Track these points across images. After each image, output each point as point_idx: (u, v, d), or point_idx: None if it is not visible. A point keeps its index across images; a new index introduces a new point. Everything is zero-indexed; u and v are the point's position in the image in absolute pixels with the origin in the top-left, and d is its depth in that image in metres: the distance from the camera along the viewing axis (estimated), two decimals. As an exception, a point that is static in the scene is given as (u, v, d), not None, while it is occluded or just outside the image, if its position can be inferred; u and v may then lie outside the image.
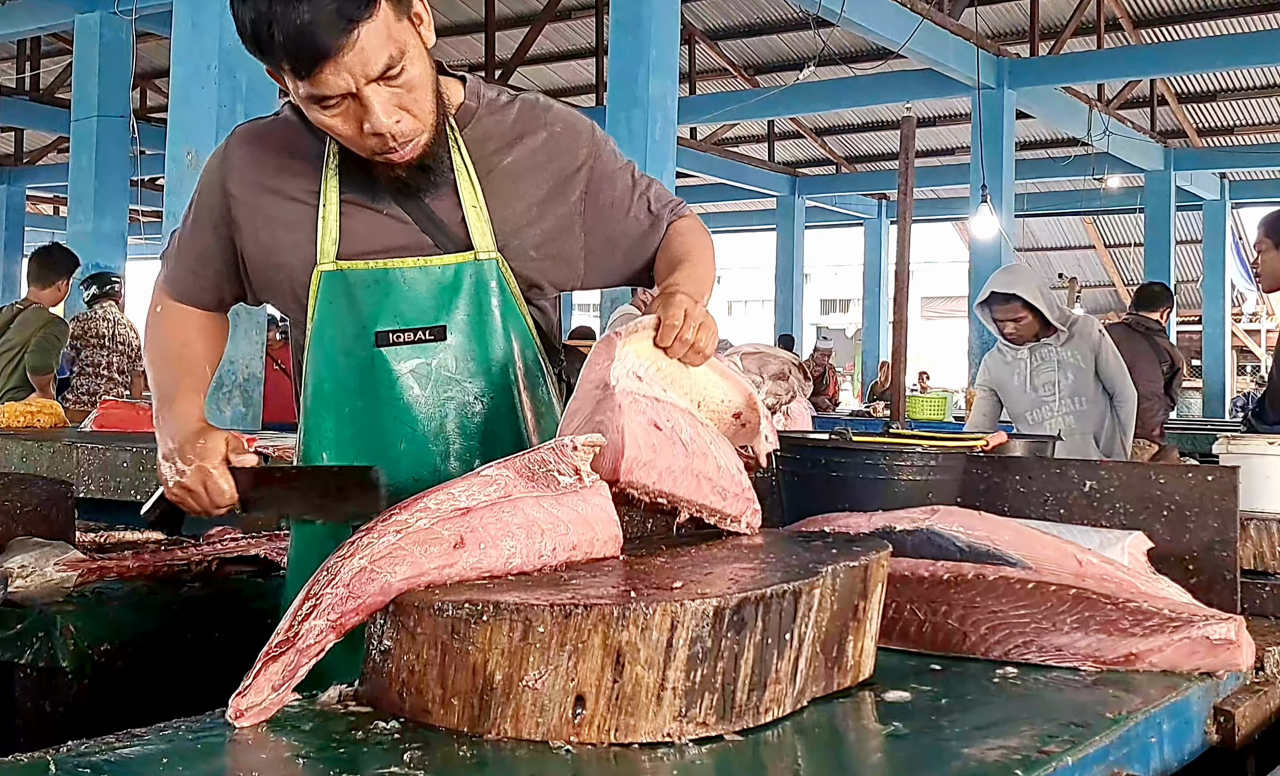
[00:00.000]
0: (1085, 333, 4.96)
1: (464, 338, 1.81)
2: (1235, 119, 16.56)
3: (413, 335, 1.79)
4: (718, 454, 1.67)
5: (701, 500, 1.62)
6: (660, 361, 1.66)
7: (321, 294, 1.80)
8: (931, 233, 26.96)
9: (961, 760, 1.21)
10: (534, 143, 1.87)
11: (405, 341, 1.79)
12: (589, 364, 1.62)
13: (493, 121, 1.87)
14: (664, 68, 7.37)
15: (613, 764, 1.17)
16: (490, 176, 1.83)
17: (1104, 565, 1.74)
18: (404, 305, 1.79)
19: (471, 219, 1.80)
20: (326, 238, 1.79)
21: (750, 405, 1.75)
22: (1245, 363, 25.39)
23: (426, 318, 1.79)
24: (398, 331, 1.79)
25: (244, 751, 1.18)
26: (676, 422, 1.61)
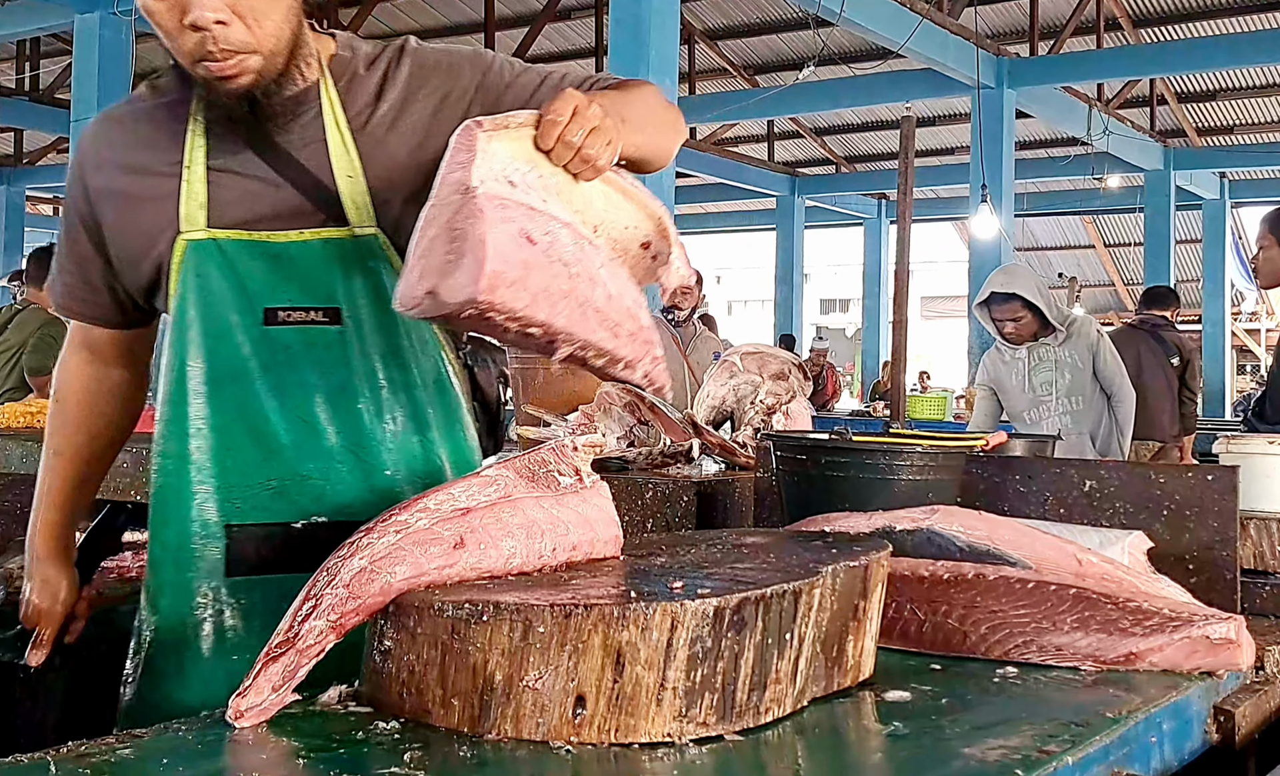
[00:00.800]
0: (1083, 333, 4.96)
1: (359, 320, 1.62)
2: (1235, 118, 16.56)
3: (305, 315, 1.60)
4: (610, 282, 1.41)
5: (585, 334, 1.38)
6: (542, 168, 1.40)
7: (188, 266, 1.59)
8: (931, 232, 26.95)
9: (962, 760, 1.21)
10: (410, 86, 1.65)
11: (298, 322, 1.60)
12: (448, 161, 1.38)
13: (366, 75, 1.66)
14: (664, 68, 7.36)
15: (613, 764, 1.17)
16: (366, 135, 1.62)
17: (1104, 565, 1.74)
18: (296, 281, 1.60)
19: (345, 188, 1.60)
20: (192, 202, 1.59)
21: (661, 232, 1.51)
22: (1245, 362, 25.38)
23: (319, 297, 1.61)
24: (289, 309, 1.60)
25: (244, 751, 1.18)
26: (557, 238, 1.37)
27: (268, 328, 1.60)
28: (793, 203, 18.70)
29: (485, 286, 1.29)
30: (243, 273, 1.60)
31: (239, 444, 1.61)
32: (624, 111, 1.51)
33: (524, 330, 1.34)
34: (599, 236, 1.45)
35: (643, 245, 1.50)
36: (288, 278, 1.60)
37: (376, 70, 1.66)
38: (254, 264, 1.60)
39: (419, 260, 1.35)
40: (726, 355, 3.69)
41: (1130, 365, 5.36)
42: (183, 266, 1.60)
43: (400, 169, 1.61)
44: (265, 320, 1.60)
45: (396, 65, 1.66)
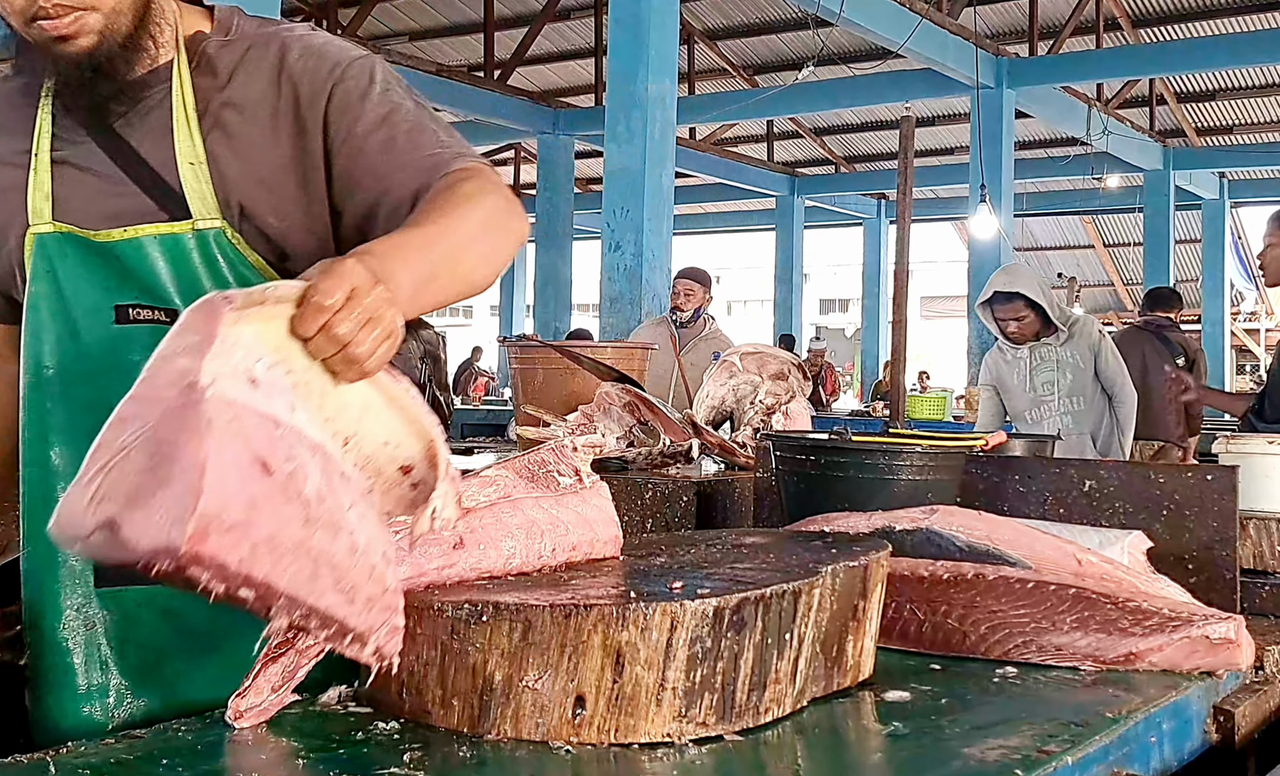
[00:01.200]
0: (1085, 333, 4.97)
1: None
2: (1234, 118, 16.57)
3: (153, 315, 1.47)
4: (358, 528, 1.10)
5: (313, 599, 1.06)
6: (294, 361, 1.11)
7: (38, 260, 1.48)
8: (931, 232, 26.96)
9: (961, 760, 1.21)
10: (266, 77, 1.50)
11: (147, 321, 1.47)
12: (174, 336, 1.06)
13: (226, 56, 1.51)
14: (663, 68, 7.36)
15: (613, 764, 1.17)
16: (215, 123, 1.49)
17: (1104, 564, 1.74)
18: (144, 278, 1.47)
19: (188, 178, 1.47)
20: (38, 194, 1.48)
21: (430, 457, 1.21)
22: (1245, 362, 25.39)
23: (162, 298, 1.47)
24: (138, 307, 1.47)
25: (244, 751, 1.18)
26: (301, 466, 1.05)
27: (120, 326, 1.47)
28: (792, 203, 18.71)
29: (194, 532, 0.95)
30: (91, 268, 1.48)
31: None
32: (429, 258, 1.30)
33: (231, 590, 1.00)
34: (349, 453, 1.16)
35: (403, 469, 1.20)
36: (129, 278, 1.48)
37: (235, 47, 1.51)
38: (100, 259, 1.48)
39: (100, 473, 1.00)
40: (726, 355, 3.69)
41: (1135, 366, 5.37)
42: (33, 261, 1.48)
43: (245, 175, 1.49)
44: (117, 318, 1.47)
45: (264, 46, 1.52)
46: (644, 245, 7.09)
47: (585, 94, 15.07)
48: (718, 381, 3.60)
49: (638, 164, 7.17)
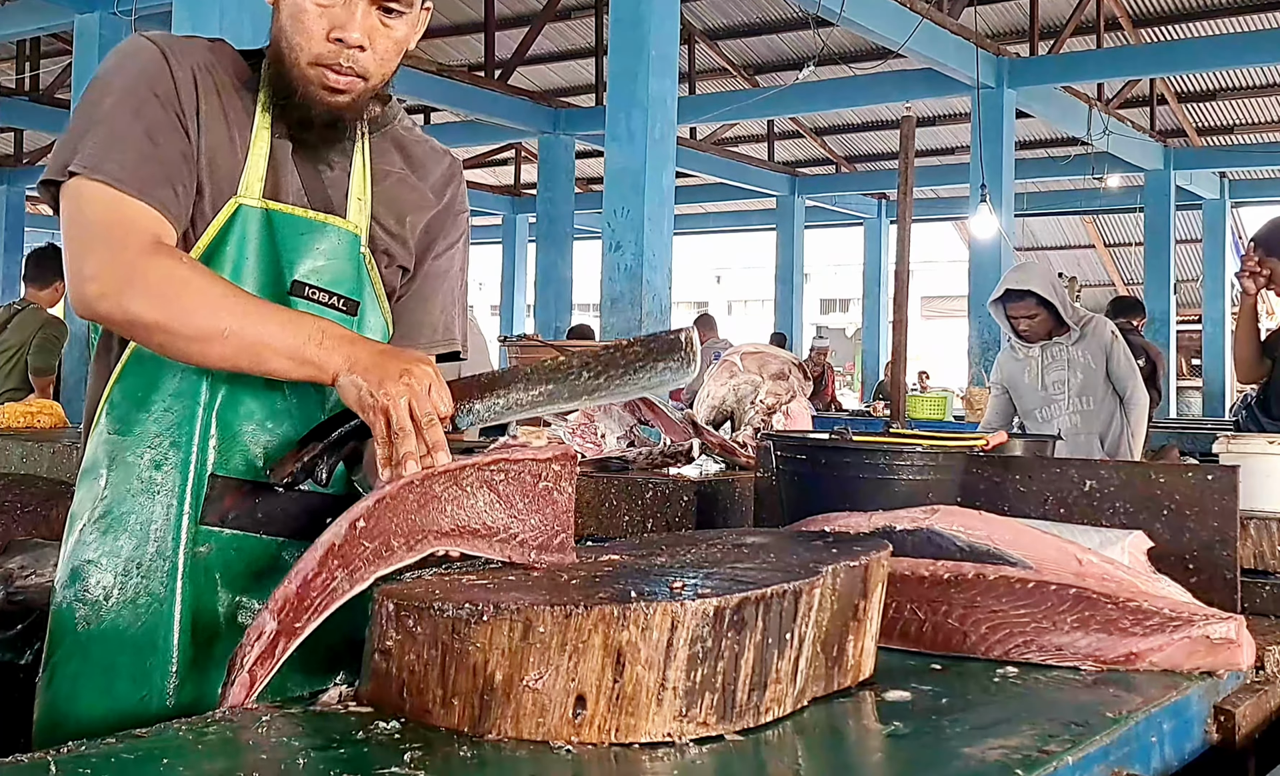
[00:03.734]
0: (1097, 333, 4.97)
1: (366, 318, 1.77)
2: (1235, 118, 16.56)
3: (327, 297, 1.72)
4: None
5: None
6: None
7: (235, 227, 1.66)
8: (931, 232, 26.96)
9: (962, 760, 1.21)
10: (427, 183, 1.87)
11: (318, 300, 1.71)
12: None
13: (403, 140, 1.87)
14: (664, 67, 7.36)
15: (613, 764, 1.17)
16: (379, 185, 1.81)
17: (1104, 564, 1.74)
18: (324, 263, 1.73)
19: (353, 207, 1.77)
20: (252, 174, 1.69)
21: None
22: (1245, 362, 25.36)
23: (343, 285, 1.74)
24: (314, 288, 1.71)
25: (244, 751, 1.18)
26: None
27: (291, 296, 1.68)
28: (793, 202, 18.70)
29: None
30: (280, 245, 1.69)
31: (241, 400, 1.67)
32: None
33: None
34: None
35: None
36: (318, 257, 1.72)
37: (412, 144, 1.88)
38: (292, 238, 1.70)
39: None
40: (726, 355, 3.69)
41: None
42: (227, 226, 1.66)
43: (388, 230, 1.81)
44: (291, 290, 1.69)
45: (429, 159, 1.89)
46: (644, 245, 7.09)
47: (586, 94, 15.07)
48: (718, 381, 3.60)
49: (638, 164, 7.16)
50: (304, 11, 1.64)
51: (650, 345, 1.64)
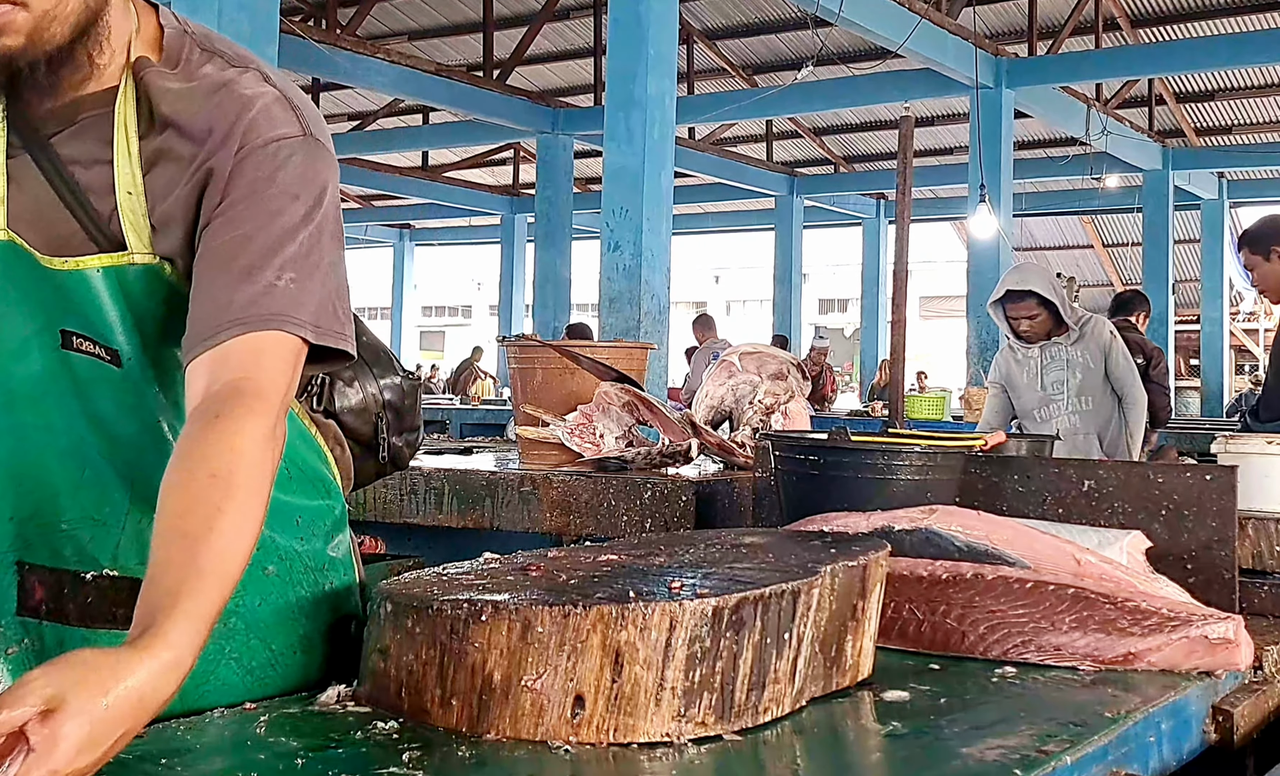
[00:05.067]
0: (1096, 333, 4.97)
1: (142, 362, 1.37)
2: (1233, 118, 16.57)
3: (94, 348, 1.35)
4: None
5: None
6: None
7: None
8: (930, 232, 26.97)
9: (960, 759, 1.21)
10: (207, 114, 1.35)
11: (88, 353, 1.35)
12: None
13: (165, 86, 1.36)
14: (662, 67, 7.36)
15: (612, 764, 1.17)
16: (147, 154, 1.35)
17: (1102, 564, 1.74)
18: (78, 313, 1.35)
19: (125, 207, 1.34)
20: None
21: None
22: (1244, 362, 25.39)
23: (100, 333, 1.35)
24: (80, 337, 1.35)
25: (243, 751, 1.18)
26: None
27: (65, 351, 1.35)
28: (791, 202, 18.70)
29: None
30: (40, 285, 1.35)
31: (29, 475, 1.37)
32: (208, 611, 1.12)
33: None
34: None
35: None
36: (74, 306, 1.35)
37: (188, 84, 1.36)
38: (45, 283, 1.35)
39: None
40: (725, 355, 3.69)
41: None
42: None
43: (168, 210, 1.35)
44: (62, 342, 1.35)
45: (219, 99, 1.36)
46: (643, 245, 7.09)
47: (585, 94, 15.07)
48: (717, 381, 3.60)
49: (637, 164, 7.17)
50: None
51: None
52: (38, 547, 1.37)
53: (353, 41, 11.51)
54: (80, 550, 1.36)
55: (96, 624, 1.34)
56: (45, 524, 1.37)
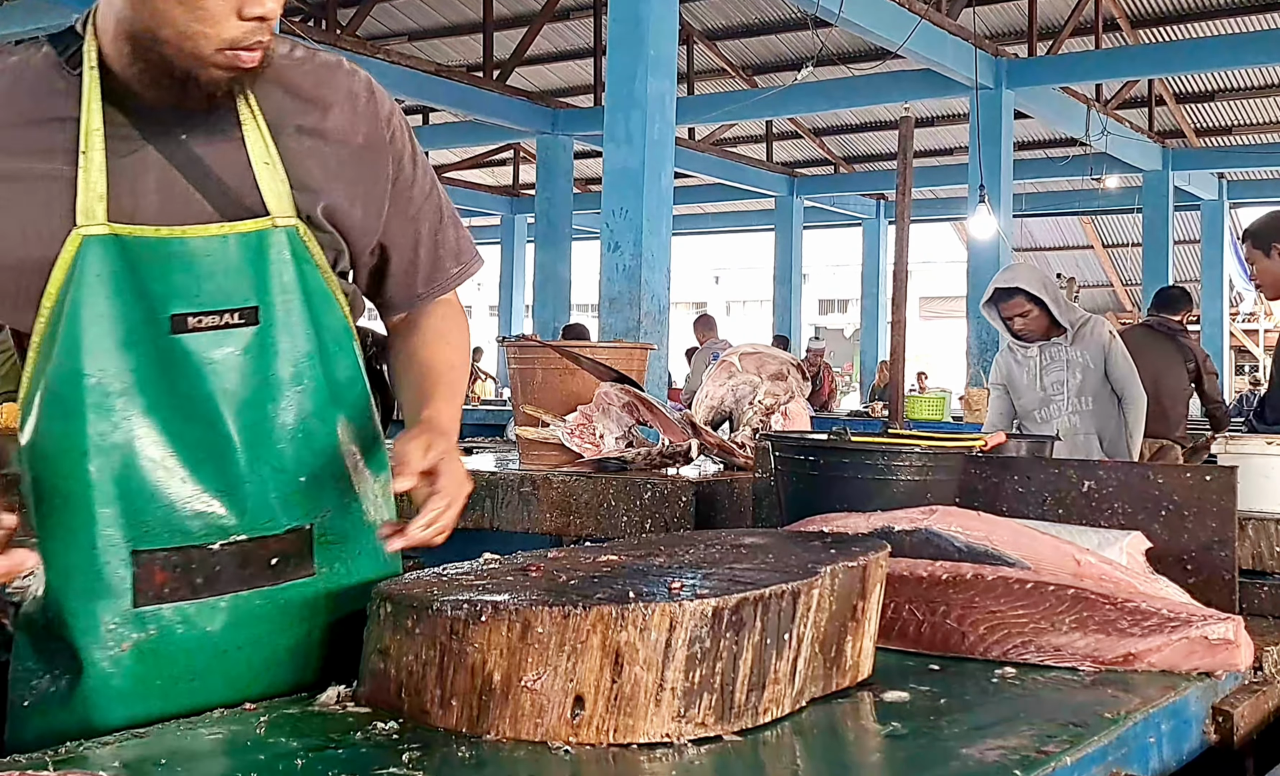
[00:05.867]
0: (1095, 333, 4.97)
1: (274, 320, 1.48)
2: (1233, 119, 16.57)
3: (218, 319, 1.45)
4: None
5: None
6: None
7: (82, 265, 1.41)
8: (930, 233, 26.97)
9: (960, 760, 1.21)
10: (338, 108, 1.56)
11: (208, 327, 1.45)
12: None
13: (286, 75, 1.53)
14: (662, 68, 7.36)
15: (611, 764, 1.17)
16: (282, 136, 1.50)
17: (1102, 565, 1.74)
18: (206, 283, 1.44)
19: (264, 177, 1.48)
20: (90, 193, 1.41)
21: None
22: (1243, 362, 25.39)
23: (233, 298, 1.46)
24: (199, 314, 1.44)
25: (243, 751, 1.18)
26: None
27: (174, 336, 1.44)
28: (791, 203, 18.70)
29: None
30: (146, 276, 1.43)
31: (144, 463, 1.43)
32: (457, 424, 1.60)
33: None
34: None
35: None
36: (198, 279, 1.44)
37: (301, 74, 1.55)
38: (159, 266, 1.43)
39: None
40: (725, 355, 3.69)
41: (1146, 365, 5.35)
42: (75, 264, 1.41)
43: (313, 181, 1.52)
44: (172, 328, 1.44)
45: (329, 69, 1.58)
46: (643, 245, 7.09)
47: (585, 94, 15.06)
48: (717, 381, 3.60)
49: (637, 164, 7.16)
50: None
51: None
52: (157, 532, 1.42)
53: (353, 42, 11.51)
54: (206, 522, 1.44)
55: (227, 589, 1.44)
56: (166, 505, 1.43)
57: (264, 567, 1.45)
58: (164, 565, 1.42)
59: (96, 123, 1.42)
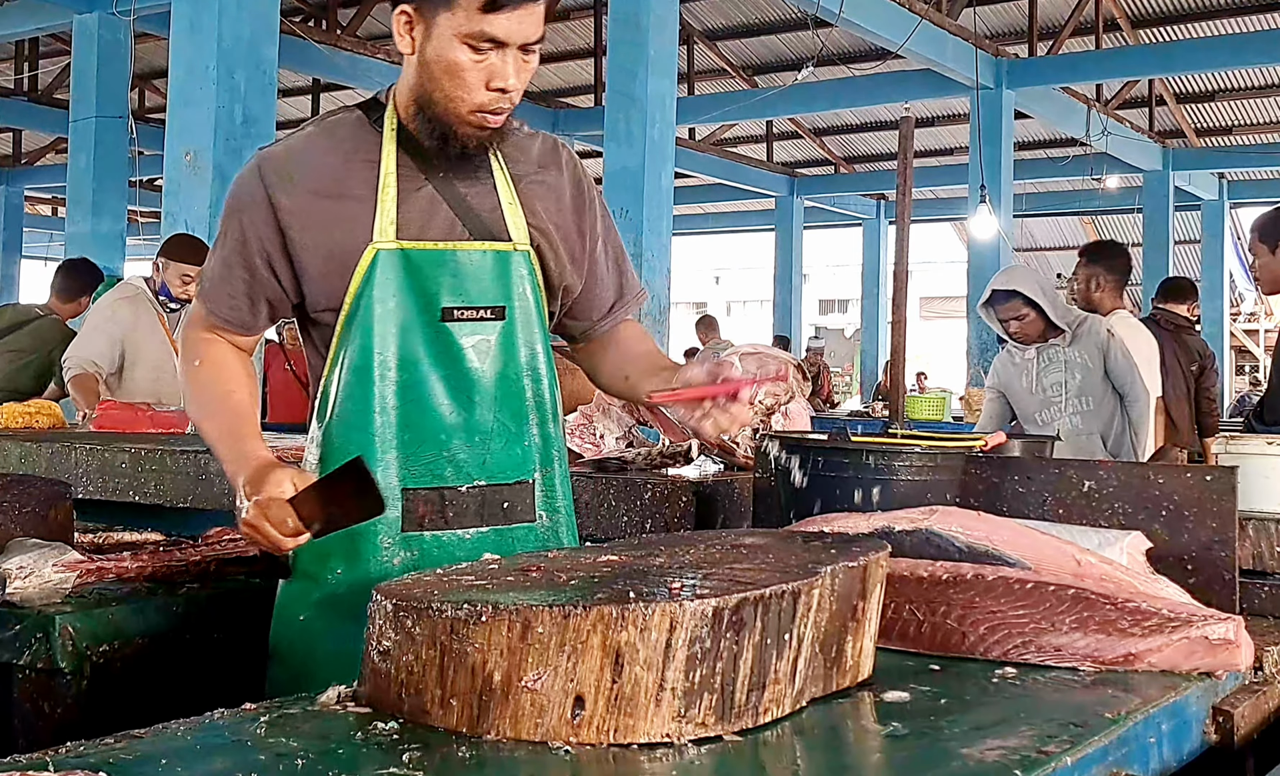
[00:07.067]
0: (1093, 333, 4.96)
1: (517, 320, 1.96)
2: (1233, 119, 16.56)
3: (475, 313, 1.93)
4: None
5: None
6: None
7: (376, 271, 1.89)
8: (930, 233, 26.95)
9: (960, 760, 1.21)
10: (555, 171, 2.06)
11: (468, 318, 1.92)
12: None
13: (522, 143, 2.05)
14: (662, 68, 7.36)
15: (612, 764, 1.17)
16: (520, 186, 2.00)
17: (1103, 565, 1.74)
18: (468, 284, 1.92)
19: (509, 213, 1.97)
20: (384, 218, 1.90)
21: None
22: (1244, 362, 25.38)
23: (487, 297, 1.93)
24: (462, 308, 1.92)
25: (244, 751, 1.18)
26: None
27: (443, 323, 1.90)
28: (791, 203, 18.70)
29: None
30: (424, 278, 1.90)
31: (415, 420, 1.90)
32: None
33: None
34: None
35: None
36: (462, 281, 1.92)
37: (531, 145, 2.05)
38: (434, 270, 1.90)
39: None
40: (725, 355, 3.69)
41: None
42: (370, 270, 1.89)
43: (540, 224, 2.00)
44: (442, 317, 1.90)
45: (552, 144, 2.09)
46: (643, 245, 7.09)
47: (585, 94, 15.07)
48: (717, 382, 3.59)
49: (637, 164, 7.17)
50: (462, 68, 1.81)
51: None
52: (421, 474, 1.90)
53: (353, 42, 11.50)
54: (458, 469, 1.92)
55: (470, 524, 1.92)
56: (428, 454, 1.90)
57: (498, 510, 1.93)
58: (425, 501, 1.90)
59: (391, 166, 1.91)
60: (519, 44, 1.81)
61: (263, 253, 1.94)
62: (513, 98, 1.85)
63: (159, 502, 3.25)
